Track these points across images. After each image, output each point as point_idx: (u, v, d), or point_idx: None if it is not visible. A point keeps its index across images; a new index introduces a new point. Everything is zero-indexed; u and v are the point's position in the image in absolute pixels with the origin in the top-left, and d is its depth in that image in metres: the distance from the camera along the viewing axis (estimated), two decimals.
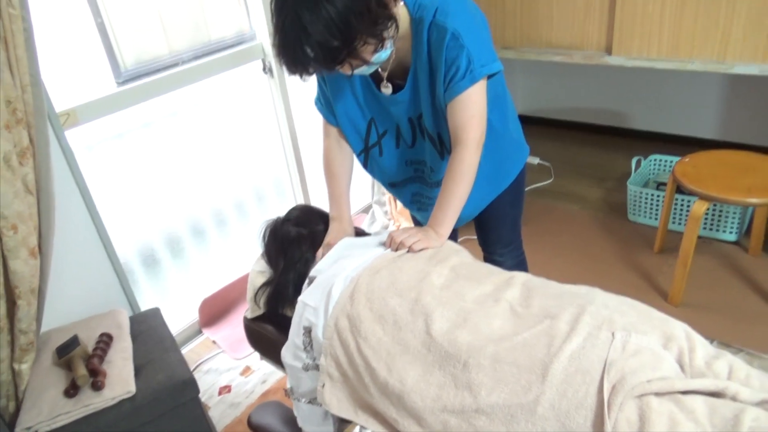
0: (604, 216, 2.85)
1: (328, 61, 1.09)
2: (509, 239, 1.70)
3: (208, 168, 2.38)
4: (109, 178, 2.03)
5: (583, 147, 3.58)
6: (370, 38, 1.10)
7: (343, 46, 1.07)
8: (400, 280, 1.15)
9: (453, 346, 1.03)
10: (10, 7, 1.36)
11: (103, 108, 1.91)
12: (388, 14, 1.12)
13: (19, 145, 1.44)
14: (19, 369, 1.54)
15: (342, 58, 1.10)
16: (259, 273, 1.49)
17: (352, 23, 1.05)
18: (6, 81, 1.38)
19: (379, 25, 1.10)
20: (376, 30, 1.10)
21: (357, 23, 1.05)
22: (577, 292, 1.11)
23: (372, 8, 1.07)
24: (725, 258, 2.42)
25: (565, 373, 0.93)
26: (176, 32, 2.13)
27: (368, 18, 1.07)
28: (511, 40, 2.84)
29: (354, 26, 1.05)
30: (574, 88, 3.66)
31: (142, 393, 1.51)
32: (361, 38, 1.09)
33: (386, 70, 1.32)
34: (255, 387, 2.10)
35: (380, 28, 1.11)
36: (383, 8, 1.11)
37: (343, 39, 1.05)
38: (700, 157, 2.25)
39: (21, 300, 1.49)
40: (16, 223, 1.43)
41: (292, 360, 1.24)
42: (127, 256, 2.15)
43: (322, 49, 1.06)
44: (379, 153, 1.49)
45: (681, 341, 0.99)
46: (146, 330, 1.76)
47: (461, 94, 1.21)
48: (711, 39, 2.27)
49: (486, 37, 1.25)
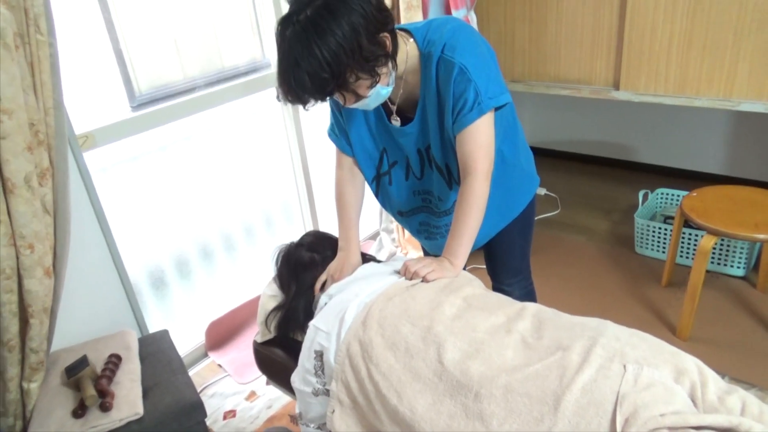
0: (611, 248, 2.86)
1: (318, 91, 1.14)
2: (518, 269, 1.71)
3: (219, 192, 2.40)
4: (122, 200, 2.06)
5: (589, 179, 3.61)
6: (361, 73, 1.14)
7: (332, 78, 1.11)
8: (412, 308, 1.16)
9: (465, 375, 1.04)
10: (38, 33, 1.41)
11: (120, 131, 1.95)
12: (381, 52, 1.16)
13: (40, 166, 1.47)
14: (28, 388, 1.55)
15: (330, 89, 1.15)
16: (270, 297, 1.51)
17: (342, 58, 1.09)
18: (31, 104, 1.42)
19: (371, 62, 1.14)
20: (367, 66, 1.14)
21: (346, 59, 1.10)
22: (588, 324, 1.11)
23: (363, 45, 1.11)
24: (733, 293, 2.42)
25: (577, 404, 0.94)
26: (190, 59, 2.18)
27: (359, 54, 1.11)
28: (520, 73, 2.90)
29: (343, 61, 1.10)
30: (582, 121, 3.70)
31: (150, 415, 1.50)
32: (351, 73, 1.13)
33: (395, 104, 1.36)
34: (260, 412, 2.08)
35: (372, 64, 1.14)
36: (376, 45, 1.14)
37: (332, 72, 1.10)
38: (708, 192, 2.27)
39: (34, 319, 1.50)
40: (33, 242, 1.45)
41: (302, 385, 1.24)
42: (137, 277, 2.17)
43: (311, 79, 1.10)
44: (389, 182, 1.51)
45: (693, 375, 0.99)
46: (154, 352, 1.76)
47: (469, 126, 1.24)
48: (717, 77, 2.32)
49: (494, 70, 1.28)
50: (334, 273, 1.41)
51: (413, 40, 1.29)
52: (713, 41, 2.27)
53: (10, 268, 1.43)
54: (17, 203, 1.40)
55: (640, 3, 2.38)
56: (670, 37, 2.36)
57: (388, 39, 1.17)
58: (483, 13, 2.85)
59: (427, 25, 1.30)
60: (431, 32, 1.27)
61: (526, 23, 2.77)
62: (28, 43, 1.39)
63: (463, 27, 1.27)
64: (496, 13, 2.85)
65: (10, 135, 1.35)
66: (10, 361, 1.51)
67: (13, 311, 1.48)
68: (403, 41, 1.28)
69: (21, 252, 1.44)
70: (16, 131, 1.36)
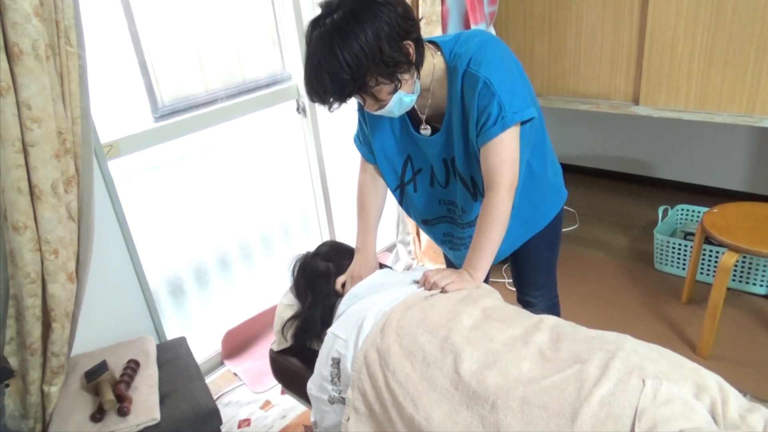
0: (630, 264, 2.83)
1: (338, 92, 1.17)
2: (543, 282, 1.70)
3: (238, 202, 2.43)
4: (143, 208, 2.10)
5: (609, 194, 3.59)
6: (381, 78, 1.17)
7: (352, 80, 1.14)
8: (430, 318, 1.17)
9: (481, 386, 1.03)
10: (68, 45, 1.45)
11: (143, 141, 1.99)
12: (403, 59, 1.18)
13: (66, 173, 1.51)
14: (48, 391, 1.57)
15: (350, 91, 1.18)
16: (287, 306, 1.52)
17: (362, 61, 1.13)
18: (59, 113, 1.46)
19: (391, 67, 1.17)
20: (387, 71, 1.17)
21: (367, 62, 1.13)
22: (607, 338, 1.10)
23: (385, 50, 1.14)
24: (755, 311, 2.38)
25: (595, 418, 0.93)
26: (212, 72, 2.23)
27: (380, 59, 1.14)
28: (539, 88, 2.90)
29: (363, 64, 1.13)
30: (601, 136, 3.69)
31: (166, 421, 1.52)
32: (372, 76, 1.16)
33: (424, 114, 1.37)
34: (275, 422, 2.09)
35: (392, 69, 1.17)
36: (398, 52, 1.17)
37: (352, 74, 1.13)
38: (729, 209, 2.24)
39: (56, 323, 1.53)
40: (58, 248, 1.49)
41: (318, 392, 1.25)
42: (156, 284, 2.20)
43: (332, 80, 1.14)
44: (414, 189, 1.52)
45: (713, 392, 0.98)
46: (172, 359, 1.78)
47: (493, 139, 1.25)
48: (739, 92, 2.30)
49: (519, 84, 1.28)
50: (353, 273, 1.42)
51: (441, 53, 1.31)
52: (734, 57, 2.25)
53: (34, 273, 1.47)
54: (43, 209, 1.44)
55: (661, 19, 2.38)
56: (690, 52, 2.35)
57: (411, 47, 1.19)
58: (502, 29, 2.87)
59: (455, 39, 1.32)
60: (458, 45, 1.29)
61: (546, 39, 2.78)
62: (58, 54, 1.44)
63: (490, 41, 1.28)
64: (515, 29, 2.86)
65: (38, 143, 1.39)
66: (32, 364, 1.54)
67: (37, 315, 1.51)
68: (431, 53, 1.30)
69: (45, 257, 1.47)
70: (44, 139, 1.40)
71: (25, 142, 1.38)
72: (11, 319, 1.52)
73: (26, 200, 1.42)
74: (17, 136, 1.37)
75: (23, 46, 1.31)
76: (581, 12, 2.62)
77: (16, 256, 1.44)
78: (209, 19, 2.16)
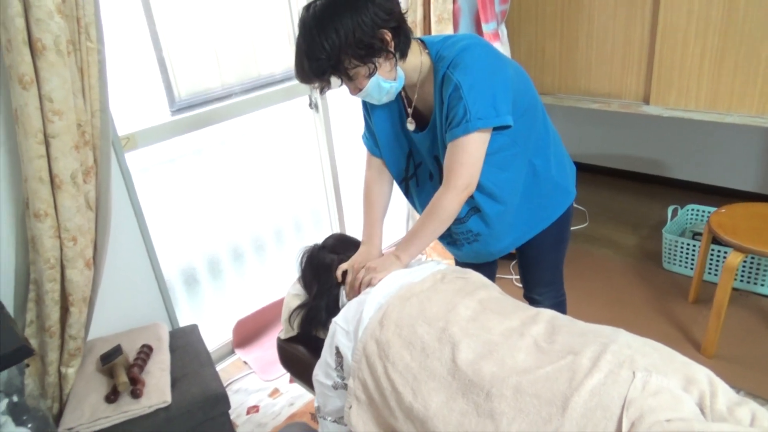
0: (639, 263, 2.84)
1: (316, 73, 1.24)
2: (549, 280, 1.73)
3: (251, 195, 2.49)
4: (159, 199, 2.16)
5: (618, 193, 3.59)
6: (355, 60, 1.23)
7: (327, 60, 1.21)
8: (429, 310, 1.21)
9: (477, 375, 1.07)
10: (88, 41, 1.51)
11: (160, 134, 2.05)
12: (378, 44, 1.24)
13: (85, 164, 1.57)
14: (65, 372, 1.64)
15: (327, 71, 1.25)
16: (294, 296, 1.57)
17: (335, 42, 1.20)
18: (79, 106, 1.52)
19: (364, 50, 1.22)
20: (360, 53, 1.22)
21: (339, 42, 1.20)
22: (602, 332, 1.13)
23: (357, 34, 1.20)
24: (762, 312, 2.38)
25: (585, 407, 0.96)
26: (228, 67, 2.28)
27: (353, 41, 1.20)
28: (550, 86, 2.92)
29: (336, 45, 1.20)
30: (612, 134, 3.68)
31: (177, 404, 1.58)
32: (346, 57, 1.22)
33: (411, 107, 1.41)
34: (282, 409, 2.14)
35: (366, 52, 1.23)
36: (372, 38, 1.22)
37: (328, 55, 1.21)
38: (737, 209, 2.25)
39: (73, 307, 1.60)
40: (76, 235, 1.55)
41: (324, 378, 1.29)
42: (170, 273, 2.26)
43: (309, 61, 1.22)
44: (416, 184, 1.56)
45: (702, 385, 1.00)
46: (184, 345, 1.84)
47: (455, 140, 1.29)
48: (750, 93, 2.29)
49: (495, 92, 1.28)
50: (356, 264, 1.46)
51: (428, 52, 1.35)
52: (746, 58, 2.25)
53: (54, 258, 1.53)
54: (63, 198, 1.50)
55: (672, 19, 2.38)
56: (701, 52, 2.35)
57: (388, 35, 1.24)
58: (514, 28, 2.88)
59: (443, 41, 1.35)
60: (444, 48, 1.33)
61: (557, 38, 2.79)
62: (79, 49, 1.49)
63: (474, 46, 1.29)
64: (527, 28, 2.88)
65: (59, 134, 1.45)
66: (51, 346, 1.61)
67: (55, 299, 1.58)
68: (419, 50, 1.34)
69: (65, 244, 1.54)
70: (65, 131, 1.46)
71: (46, 134, 1.45)
72: (31, 302, 1.59)
73: (47, 189, 1.48)
74: (39, 127, 1.43)
75: (46, 41, 1.37)
76: (593, 11, 2.63)
77: (36, 243, 1.51)
78: (226, 16, 2.22)
